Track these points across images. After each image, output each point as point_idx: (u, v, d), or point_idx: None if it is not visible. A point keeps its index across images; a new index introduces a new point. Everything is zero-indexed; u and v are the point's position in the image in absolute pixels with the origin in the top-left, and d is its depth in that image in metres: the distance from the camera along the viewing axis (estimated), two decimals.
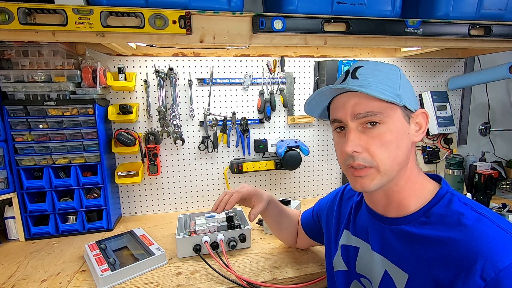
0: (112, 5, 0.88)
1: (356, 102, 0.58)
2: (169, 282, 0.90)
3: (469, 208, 0.55)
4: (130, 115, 1.29)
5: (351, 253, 0.72)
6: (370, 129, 0.58)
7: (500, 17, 1.13)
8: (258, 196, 0.93)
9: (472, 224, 0.52)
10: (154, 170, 1.37)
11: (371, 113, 0.57)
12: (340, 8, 1.01)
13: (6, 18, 0.83)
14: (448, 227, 0.54)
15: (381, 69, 0.61)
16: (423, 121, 0.62)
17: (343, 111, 0.60)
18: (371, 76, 0.59)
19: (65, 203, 1.21)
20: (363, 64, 0.62)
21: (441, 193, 0.60)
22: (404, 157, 0.59)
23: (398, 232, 0.61)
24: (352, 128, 0.59)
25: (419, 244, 0.56)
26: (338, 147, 0.64)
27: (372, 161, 0.57)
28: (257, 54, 1.45)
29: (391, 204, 0.63)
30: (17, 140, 1.14)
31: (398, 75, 0.60)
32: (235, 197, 0.89)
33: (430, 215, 0.57)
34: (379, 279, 0.62)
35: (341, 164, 0.64)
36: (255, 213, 0.91)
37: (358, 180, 0.60)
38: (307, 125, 1.58)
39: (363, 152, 0.58)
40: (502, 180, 1.69)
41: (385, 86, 0.58)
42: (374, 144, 0.57)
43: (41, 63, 1.14)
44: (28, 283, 0.91)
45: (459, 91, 1.74)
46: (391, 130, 0.57)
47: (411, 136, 0.60)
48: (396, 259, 0.60)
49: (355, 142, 0.58)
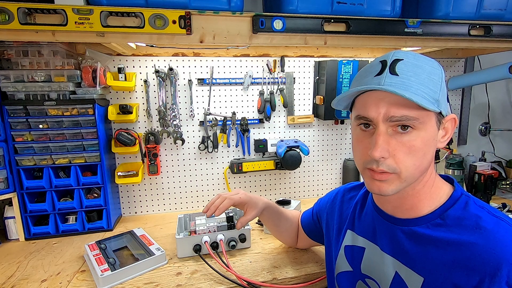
0: (112, 5, 0.88)
1: (391, 103, 0.53)
2: (169, 282, 0.90)
3: (486, 212, 0.54)
4: (130, 115, 1.29)
5: (356, 254, 0.71)
6: (400, 134, 0.53)
7: (500, 17, 1.13)
8: (252, 204, 0.91)
9: (492, 228, 0.51)
10: (154, 170, 1.37)
11: (406, 118, 0.52)
12: (340, 8, 1.01)
13: (6, 18, 0.82)
14: (466, 230, 0.53)
15: (423, 65, 0.54)
16: (451, 126, 0.58)
17: (376, 110, 0.54)
18: (412, 74, 0.53)
19: (65, 203, 1.21)
20: (403, 56, 0.55)
21: (456, 195, 0.58)
22: (428, 165, 0.57)
23: (410, 233, 0.59)
24: (382, 132, 0.54)
25: (433, 246, 0.55)
26: (360, 146, 0.58)
27: (396, 168, 0.54)
28: (257, 54, 1.45)
29: (403, 206, 0.61)
30: (17, 140, 1.14)
31: (440, 76, 0.55)
32: (226, 203, 0.88)
33: (446, 217, 0.56)
34: (390, 281, 0.61)
35: (359, 163, 0.59)
36: (243, 221, 0.90)
37: (376, 183, 0.56)
38: (307, 125, 1.58)
39: (389, 158, 0.54)
40: (502, 180, 1.69)
41: (426, 88, 0.52)
42: (402, 151, 0.53)
43: (41, 63, 1.14)
44: (28, 283, 0.91)
45: (459, 91, 1.73)
46: (422, 137, 0.53)
47: (437, 142, 0.57)
48: (408, 261, 0.58)
49: (384, 148, 0.53)
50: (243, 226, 0.91)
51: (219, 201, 0.89)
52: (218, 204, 0.88)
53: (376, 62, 0.58)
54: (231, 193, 0.92)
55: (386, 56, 0.57)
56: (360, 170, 0.61)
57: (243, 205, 0.91)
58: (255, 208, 0.91)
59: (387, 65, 0.55)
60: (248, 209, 0.91)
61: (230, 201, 0.89)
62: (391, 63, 0.55)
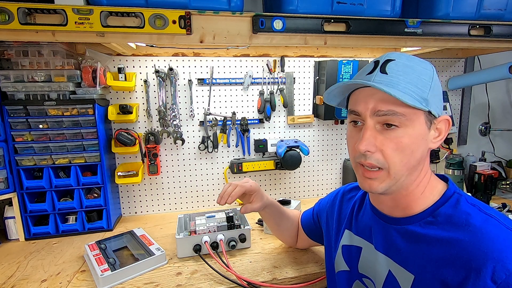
0: (112, 5, 0.88)
1: (379, 99, 0.55)
2: (169, 282, 0.90)
3: (476, 209, 0.54)
4: (130, 115, 1.29)
5: (353, 253, 0.72)
6: (387, 131, 0.55)
7: (500, 17, 1.13)
8: (259, 195, 0.92)
9: (480, 225, 0.51)
10: (154, 170, 1.37)
11: (392, 113, 0.54)
12: (340, 8, 1.01)
13: (6, 18, 0.82)
14: (456, 227, 0.53)
15: (414, 66, 0.56)
16: (444, 128, 0.59)
17: (364, 105, 0.57)
18: (401, 74, 0.55)
19: (65, 203, 1.21)
20: (395, 57, 0.57)
21: (448, 193, 0.59)
22: (416, 163, 0.57)
23: (403, 232, 0.60)
24: (370, 126, 0.56)
25: (424, 244, 0.56)
26: (351, 142, 0.61)
27: (384, 162, 0.56)
28: (257, 54, 1.45)
29: (398, 206, 0.62)
30: (17, 140, 1.14)
31: (430, 76, 0.57)
32: (238, 190, 0.88)
33: (437, 215, 0.57)
34: (383, 280, 0.62)
35: (352, 159, 0.62)
36: (248, 208, 0.90)
37: (367, 180, 0.59)
38: (307, 125, 1.58)
39: (376, 152, 0.56)
40: (502, 180, 1.69)
41: (414, 87, 0.54)
42: (390, 147, 0.55)
43: (41, 63, 1.14)
44: (28, 283, 0.91)
45: (459, 91, 1.74)
46: (410, 134, 0.55)
47: (428, 142, 0.58)
48: (400, 259, 0.59)
49: (370, 142, 0.55)
50: (247, 212, 0.91)
51: (231, 189, 0.88)
52: (230, 191, 0.88)
53: (371, 63, 0.61)
54: (242, 181, 0.92)
55: (380, 57, 0.60)
56: (353, 167, 0.63)
57: (251, 194, 0.91)
58: (261, 200, 0.92)
59: (379, 64, 0.58)
60: (255, 199, 0.92)
61: (241, 188, 0.88)
62: (382, 62, 0.58)
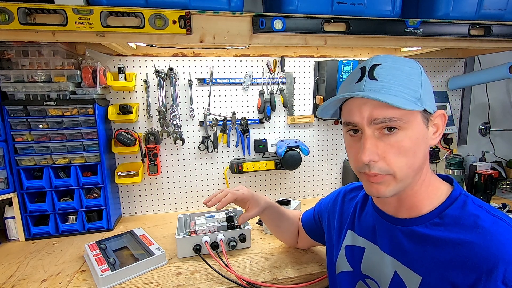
0: (112, 5, 0.88)
1: (373, 106, 0.54)
2: (169, 282, 0.90)
3: (484, 211, 0.54)
4: (130, 115, 1.29)
5: (356, 254, 0.71)
6: (387, 136, 0.54)
7: (500, 17, 1.13)
8: (254, 202, 0.91)
9: (489, 227, 0.51)
10: (154, 170, 1.37)
11: (389, 119, 0.53)
12: (340, 8, 1.01)
13: (6, 18, 0.82)
14: (464, 229, 0.53)
15: (401, 67, 0.56)
16: (441, 122, 0.59)
17: (359, 115, 0.55)
18: (390, 77, 0.54)
19: (65, 203, 1.21)
20: (381, 61, 0.56)
21: (454, 194, 0.59)
22: (421, 163, 0.57)
23: (409, 233, 0.60)
24: (369, 135, 0.55)
25: (432, 245, 0.55)
26: (352, 152, 0.60)
27: (388, 169, 0.55)
28: (257, 54, 1.45)
29: (403, 206, 0.62)
30: (17, 140, 1.14)
31: (419, 75, 0.56)
32: (228, 197, 0.87)
33: (444, 217, 0.56)
34: (389, 281, 0.61)
35: (354, 169, 0.61)
36: (245, 217, 0.90)
37: (374, 185, 0.57)
38: (307, 125, 1.58)
39: (379, 160, 0.55)
40: (502, 180, 1.69)
41: (406, 89, 0.54)
42: (392, 153, 0.54)
43: (41, 63, 1.14)
44: (28, 283, 0.91)
45: (459, 91, 1.74)
46: (410, 136, 0.54)
47: (428, 139, 0.58)
48: (407, 261, 0.59)
49: (372, 151, 0.54)
50: (244, 222, 0.90)
51: (221, 195, 0.88)
52: (220, 197, 0.87)
53: (357, 69, 0.59)
54: (235, 188, 0.91)
55: (365, 62, 0.58)
56: (357, 175, 0.62)
57: (245, 202, 0.91)
58: (257, 206, 0.91)
59: (366, 71, 0.57)
60: (250, 207, 0.91)
61: (232, 196, 0.88)
62: (369, 68, 0.56)
